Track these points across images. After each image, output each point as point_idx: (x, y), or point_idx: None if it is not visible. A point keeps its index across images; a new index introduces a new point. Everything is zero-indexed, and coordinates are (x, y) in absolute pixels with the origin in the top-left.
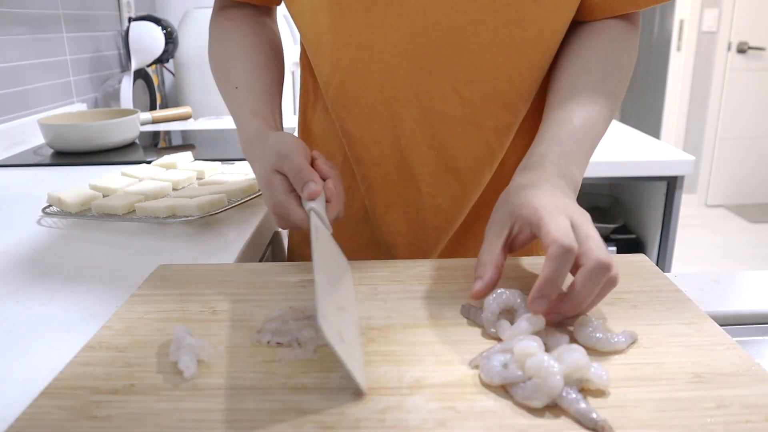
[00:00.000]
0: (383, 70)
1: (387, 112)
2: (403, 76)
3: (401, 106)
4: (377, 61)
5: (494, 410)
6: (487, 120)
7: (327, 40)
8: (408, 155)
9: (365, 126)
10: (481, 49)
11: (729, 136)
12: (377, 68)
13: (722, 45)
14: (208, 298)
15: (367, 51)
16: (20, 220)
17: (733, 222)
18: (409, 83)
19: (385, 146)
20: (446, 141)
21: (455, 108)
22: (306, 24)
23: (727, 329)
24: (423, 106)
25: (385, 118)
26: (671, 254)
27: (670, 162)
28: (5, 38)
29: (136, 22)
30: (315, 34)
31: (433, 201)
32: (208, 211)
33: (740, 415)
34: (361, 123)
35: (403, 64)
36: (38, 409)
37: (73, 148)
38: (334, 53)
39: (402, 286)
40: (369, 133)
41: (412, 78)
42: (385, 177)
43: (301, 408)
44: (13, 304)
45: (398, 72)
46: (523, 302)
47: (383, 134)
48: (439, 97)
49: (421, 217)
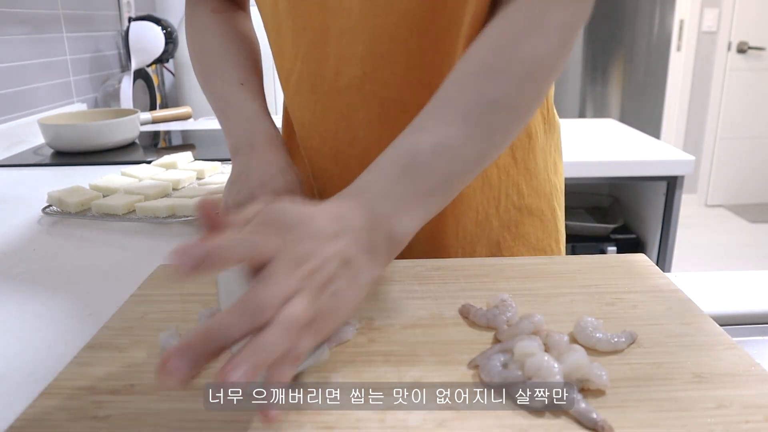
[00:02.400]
0: (337, 56)
1: (342, 101)
2: (356, 63)
3: (357, 94)
4: (332, 47)
5: (494, 410)
6: None
7: (286, 27)
8: (366, 146)
9: (322, 116)
10: (441, 32)
11: (729, 136)
12: (332, 54)
13: (722, 45)
14: (208, 298)
15: (321, 36)
16: (20, 220)
17: (733, 222)
18: (364, 70)
19: (342, 137)
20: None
21: (416, 95)
22: (267, 12)
23: (727, 329)
24: (380, 94)
25: (341, 107)
26: (671, 254)
27: (670, 162)
28: (5, 38)
29: (136, 22)
30: (275, 21)
31: None
32: None
33: (740, 415)
34: (318, 113)
35: (357, 51)
36: (38, 409)
37: (73, 148)
38: (293, 40)
39: (402, 286)
40: (325, 125)
41: (366, 64)
42: (343, 170)
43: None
44: (13, 304)
45: (352, 59)
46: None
47: (339, 125)
48: (396, 84)
49: None
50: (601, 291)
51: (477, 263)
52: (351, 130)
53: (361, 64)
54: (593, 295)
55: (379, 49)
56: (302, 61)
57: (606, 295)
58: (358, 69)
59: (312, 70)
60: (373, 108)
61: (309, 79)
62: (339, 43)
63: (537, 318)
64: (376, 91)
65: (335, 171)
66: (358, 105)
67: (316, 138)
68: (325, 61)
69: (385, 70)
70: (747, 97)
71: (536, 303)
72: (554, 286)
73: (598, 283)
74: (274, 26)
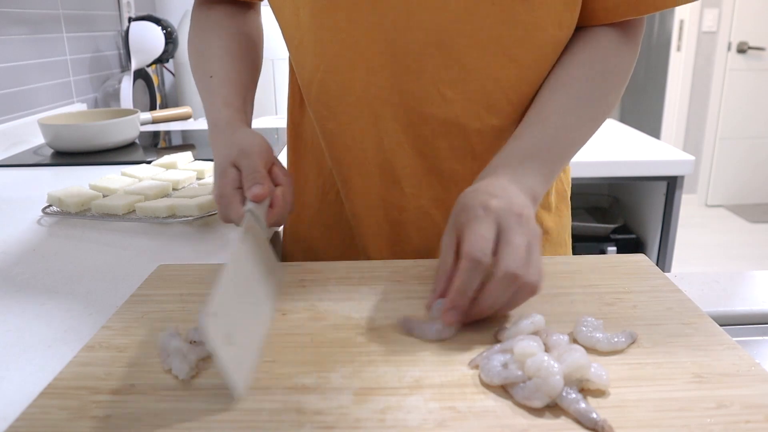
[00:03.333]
0: (366, 69)
1: (370, 111)
2: (386, 75)
3: (384, 105)
4: (361, 59)
5: (494, 410)
6: (471, 122)
7: (309, 38)
8: (391, 156)
9: (347, 126)
10: (467, 49)
11: (729, 136)
12: (360, 66)
13: (722, 45)
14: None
15: (350, 49)
16: (20, 220)
17: (733, 222)
18: (392, 83)
19: (368, 147)
20: (429, 142)
21: (438, 109)
22: (287, 20)
23: (727, 329)
24: (406, 106)
25: (368, 117)
26: (671, 254)
27: (670, 162)
28: (5, 38)
29: (136, 22)
30: (296, 30)
31: (417, 202)
32: (208, 211)
33: (740, 415)
34: (343, 123)
35: (386, 63)
36: (38, 409)
37: (73, 148)
38: (316, 50)
39: (402, 286)
40: (351, 133)
41: (395, 77)
42: (367, 179)
43: (301, 408)
44: (13, 304)
45: (382, 71)
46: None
47: (366, 134)
48: (422, 98)
49: (404, 218)
50: (601, 291)
51: None
52: (376, 139)
53: (389, 77)
54: (593, 295)
55: (407, 64)
56: (326, 72)
57: (606, 295)
58: (386, 81)
59: (338, 81)
60: (399, 118)
61: (334, 89)
62: (366, 56)
63: (537, 318)
64: (402, 102)
65: (358, 180)
66: (386, 115)
67: (340, 146)
68: (353, 72)
69: (411, 84)
70: (747, 97)
71: (536, 303)
72: (554, 286)
73: (598, 283)
74: (294, 36)
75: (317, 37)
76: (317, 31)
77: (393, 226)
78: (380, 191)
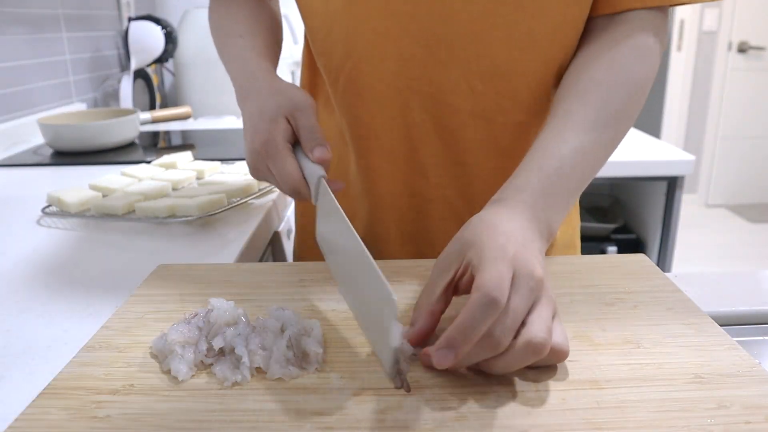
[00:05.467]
0: (398, 58)
1: (399, 100)
2: (417, 65)
3: (414, 95)
4: (393, 49)
5: (494, 410)
6: (497, 115)
7: (340, 26)
8: (418, 145)
9: (377, 113)
10: (497, 42)
11: (729, 135)
12: (392, 56)
13: (723, 45)
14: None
15: (382, 38)
16: (20, 220)
17: (734, 222)
18: (423, 73)
19: (395, 135)
20: (455, 133)
21: (466, 101)
22: (315, 9)
23: (727, 329)
24: (435, 96)
25: (397, 107)
26: (671, 254)
27: (670, 162)
28: (5, 38)
29: (136, 21)
30: (326, 18)
31: (442, 192)
32: (208, 211)
33: (740, 415)
34: (373, 111)
35: (418, 54)
36: (38, 409)
37: (72, 148)
38: (348, 39)
39: (402, 286)
40: (380, 121)
41: (426, 68)
42: (393, 166)
43: (301, 408)
44: (13, 304)
45: (413, 61)
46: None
47: (394, 123)
48: (451, 89)
49: (428, 208)
50: (601, 291)
51: None
52: (405, 128)
53: (419, 67)
54: (593, 295)
55: (439, 55)
56: (357, 60)
57: (606, 295)
58: (417, 71)
59: (369, 70)
60: (427, 108)
61: (365, 78)
62: (398, 45)
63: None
64: (431, 92)
65: (385, 167)
66: (414, 105)
67: (369, 134)
68: (384, 61)
69: (441, 74)
70: (747, 97)
71: None
72: (554, 286)
73: (599, 283)
74: (323, 26)
75: (349, 26)
76: (349, 20)
77: (417, 214)
78: (406, 179)
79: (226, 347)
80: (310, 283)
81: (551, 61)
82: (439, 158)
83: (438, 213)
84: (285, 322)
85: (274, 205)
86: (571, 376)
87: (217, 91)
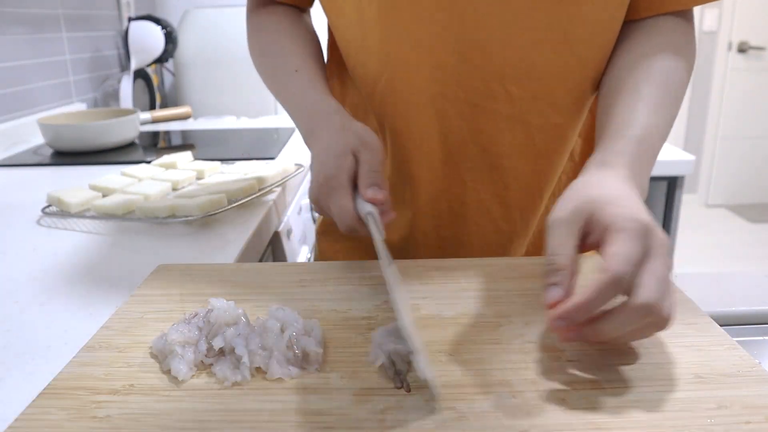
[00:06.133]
0: (432, 66)
1: (435, 108)
2: (452, 72)
3: (450, 102)
4: (427, 57)
5: (494, 410)
6: (534, 119)
7: (374, 36)
8: (454, 151)
9: (414, 122)
10: (531, 46)
11: (730, 135)
12: (427, 64)
13: (723, 45)
14: (208, 298)
15: (417, 47)
16: (20, 220)
17: (734, 222)
18: (458, 79)
19: (433, 142)
20: (492, 138)
21: (502, 105)
22: (349, 21)
23: (727, 329)
24: (471, 102)
25: (433, 114)
26: (671, 254)
27: (670, 162)
28: (5, 38)
29: (136, 21)
30: (360, 29)
31: (477, 196)
32: (208, 211)
33: (740, 415)
34: (410, 119)
35: (452, 61)
36: (38, 409)
37: (72, 148)
38: (382, 49)
39: (402, 286)
40: (417, 129)
41: (461, 74)
42: (431, 173)
43: (301, 408)
44: (13, 304)
45: (447, 68)
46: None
47: (431, 130)
48: (486, 94)
49: (464, 211)
50: None
51: (477, 263)
52: (442, 135)
53: (453, 74)
54: None
55: (472, 61)
56: (393, 71)
57: None
58: (452, 77)
59: (405, 79)
60: (463, 114)
61: (401, 87)
62: (432, 53)
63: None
64: (467, 98)
65: (424, 174)
66: (449, 111)
67: (407, 143)
68: (420, 70)
69: (476, 80)
70: (747, 97)
71: (536, 303)
72: None
73: None
74: (356, 37)
75: (383, 36)
76: (383, 30)
77: (455, 218)
78: (443, 186)
79: (226, 347)
80: (310, 283)
81: (587, 63)
82: (476, 163)
83: (474, 218)
84: (285, 322)
85: (274, 205)
86: (571, 376)
87: (217, 91)
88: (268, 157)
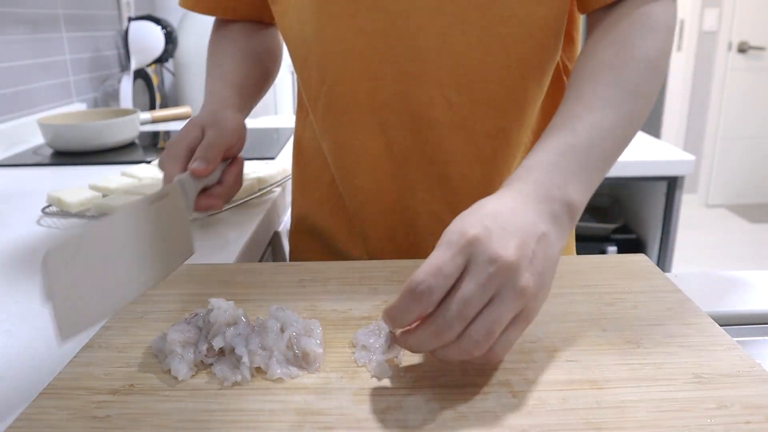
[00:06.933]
0: (371, 78)
1: (377, 120)
2: (390, 82)
3: (391, 113)
4: (365, 68)
5: (494, 410)
6: (477, 124)
7: (314, 51)
8: (401, 162)
9: (356, 136)
10: (467, 50)
11: (730, 135)
12: (365, 76)
13: (723, 45)
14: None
15: (354, 59)
16: (20, 220)
17: (734, 222)
18: (397, 89)
19: (378, 155)
20: (437, 146)
21: (443, 113)
22: (294, 38)
23: (727, 329)
24: (412, 112)
25: (376, 126)
26: (671, 254)
27: (670, 162)
28: (5, 38)
29: (136, 21)
30: (302, 46)
31: (428, 207)
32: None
33: (740, 415)
34: (353, 133)
35: (390, 71)
36: (38, 409)
37: (72, 148)
38: (320, 63)
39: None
40: (360, 143)
41: (399, 84)
42: (379, 185)
43: (301, 408)
44: (13, 304)
45: (386, 79)
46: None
47: (375, 143)
48: (426, 103)
49: (418, 223)
50: (601, 291)
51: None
52: (386, 147)
53: (393, 84)
54: (593, 295)
55: (410, 70)
56: (332, 84)
57: (606, 295)
58: (391, 88)
59: (344, 92)
60: (405, 124)
61: (341, 101)
62: (369, 64)
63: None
64: (408, 108)
65: (371, 187)
66: (393, 122)
67: (351, 156)
68: (358, 82)
69: (415, 89)
70: (747, 97)
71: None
72: (554, 286)
73: (598, 283)
74: (300, 53)
75: (321, 50)
76: (321, 44)
77: (407, 229)
78: (394, 197)
79: (226, 347)
80: (310, 283)
81: (525, 63)
82: (424, 172)
83: (428, 227)
84: (285, 322)
85: (274, 205)
86: (571, 376)
87: None
88: (268, 157)
